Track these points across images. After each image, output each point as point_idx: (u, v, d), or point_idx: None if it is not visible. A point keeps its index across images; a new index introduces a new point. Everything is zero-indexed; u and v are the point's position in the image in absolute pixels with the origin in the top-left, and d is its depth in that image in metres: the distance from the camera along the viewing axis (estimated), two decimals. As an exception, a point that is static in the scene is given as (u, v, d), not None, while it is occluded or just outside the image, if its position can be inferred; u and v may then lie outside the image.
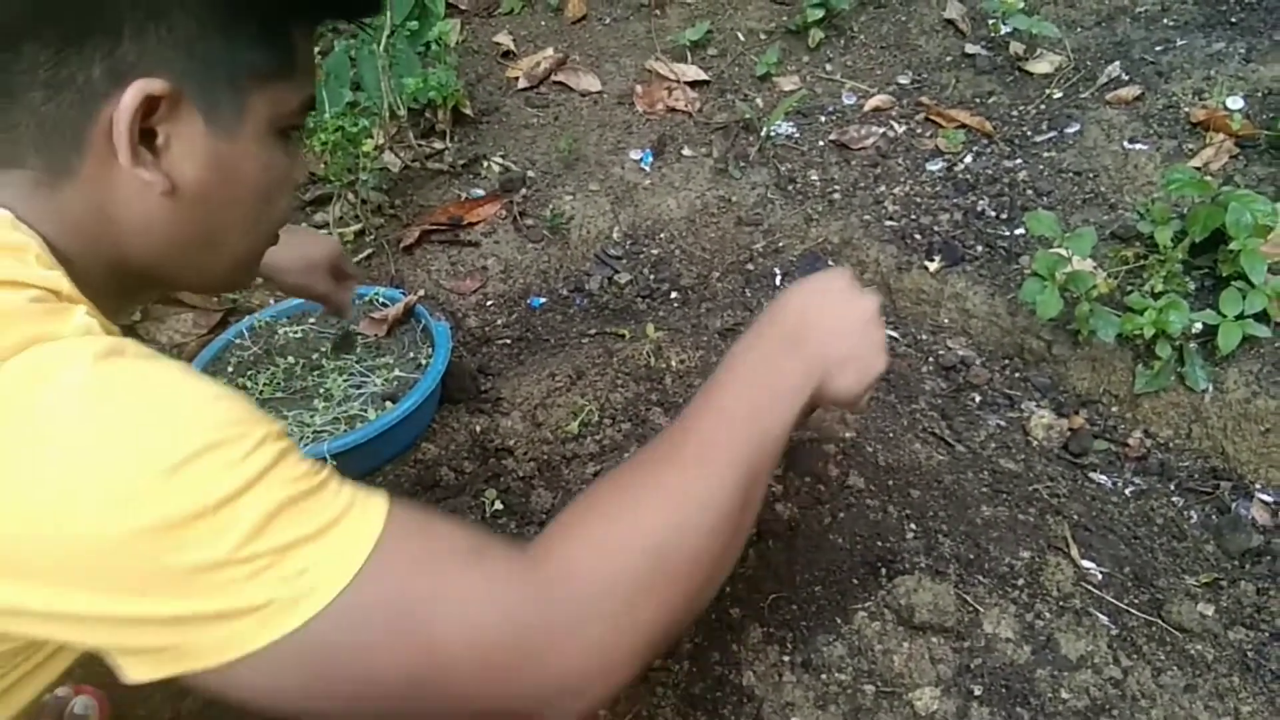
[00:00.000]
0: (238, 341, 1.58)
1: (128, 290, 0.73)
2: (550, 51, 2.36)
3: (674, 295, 1.80)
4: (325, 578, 0.54)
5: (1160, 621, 1.18)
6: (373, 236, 1.93)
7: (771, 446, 0.75)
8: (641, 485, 0.69)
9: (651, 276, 1.85)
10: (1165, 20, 2.13)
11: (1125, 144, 1.84)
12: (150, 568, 0.52)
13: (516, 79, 2.31)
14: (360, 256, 1.89)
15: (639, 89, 2.22)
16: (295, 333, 1.59)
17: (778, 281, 1.80)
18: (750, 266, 1.84)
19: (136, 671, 0.55)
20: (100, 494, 0.51)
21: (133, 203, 0.65)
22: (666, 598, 0.65)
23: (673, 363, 1.55)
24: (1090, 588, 1.21)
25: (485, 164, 2.08)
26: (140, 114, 0.61)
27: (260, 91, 0.67)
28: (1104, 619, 1.17)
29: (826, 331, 0.83)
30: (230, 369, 1.53)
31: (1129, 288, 1.55)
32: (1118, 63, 2.02)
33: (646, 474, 0.70)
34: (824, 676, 1.09)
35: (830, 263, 1.81)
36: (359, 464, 1.40)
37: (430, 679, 0.57)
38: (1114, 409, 1.53)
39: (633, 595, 0.63)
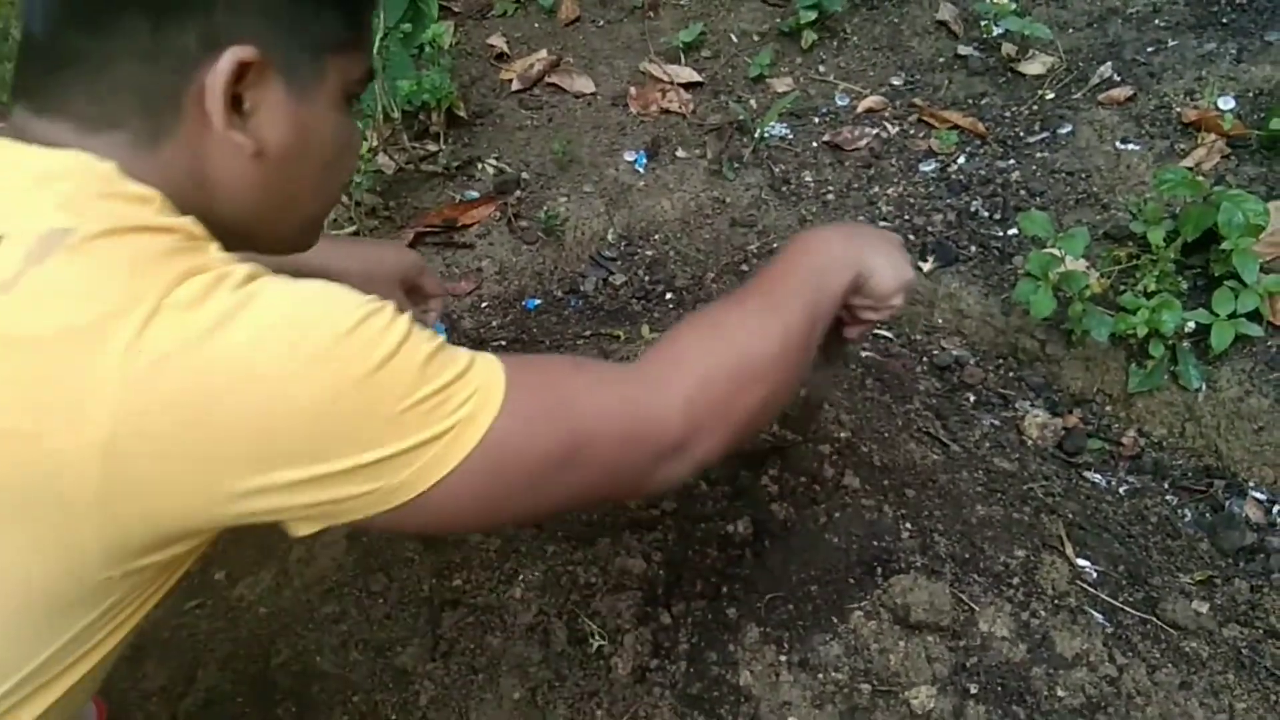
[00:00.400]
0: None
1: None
2: (544, 53, 2.36)
3: (669, 296, 1.80)
4: (486, 397, 0.65)
5: (1155, 619, 1.18)
6: (368, 239, 1.92)
7: (826, 302, 0.90)
8: (727, 314, 0.85)
9: (646, 278, 1.85)
10: (1157, 21, 2.14)
11: (1117, 144, 1.84)
12: (347, 424, 0.60)
13: (510, 81, 2.31)
14: (355, 259, 1.89)
15: (633, 91, 2.23)
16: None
17: (772, 282, 1.80)
18: (745, 268, 1.84)
19: (338, 520, 0.63)
20: (285, 374, 0.58)
21: (224, 164, 0.69)
22: (750, 394, 0.79)
23: (668, 364, 1.55)
24: (1085, 586, 1.21)
25: (479, 166, 2.08)
26: (232, 80, 0.65)
27: (335, 59, 0.71)
28: (1099, 617, 1.17)
29: (866, 238, 0.98)
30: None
31: (1122, 287, 1.56)
32: (1110, 63, 2.02)
33: (731, 308, 0.85)
34: (820, 676, 1.09)
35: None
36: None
37: (580, 452, 0.70)
38: (1108, 408, 1.54)
39: (728, 386, 0.78)
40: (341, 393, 0.59)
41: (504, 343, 1.72)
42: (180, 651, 1.24)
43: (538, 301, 1.82)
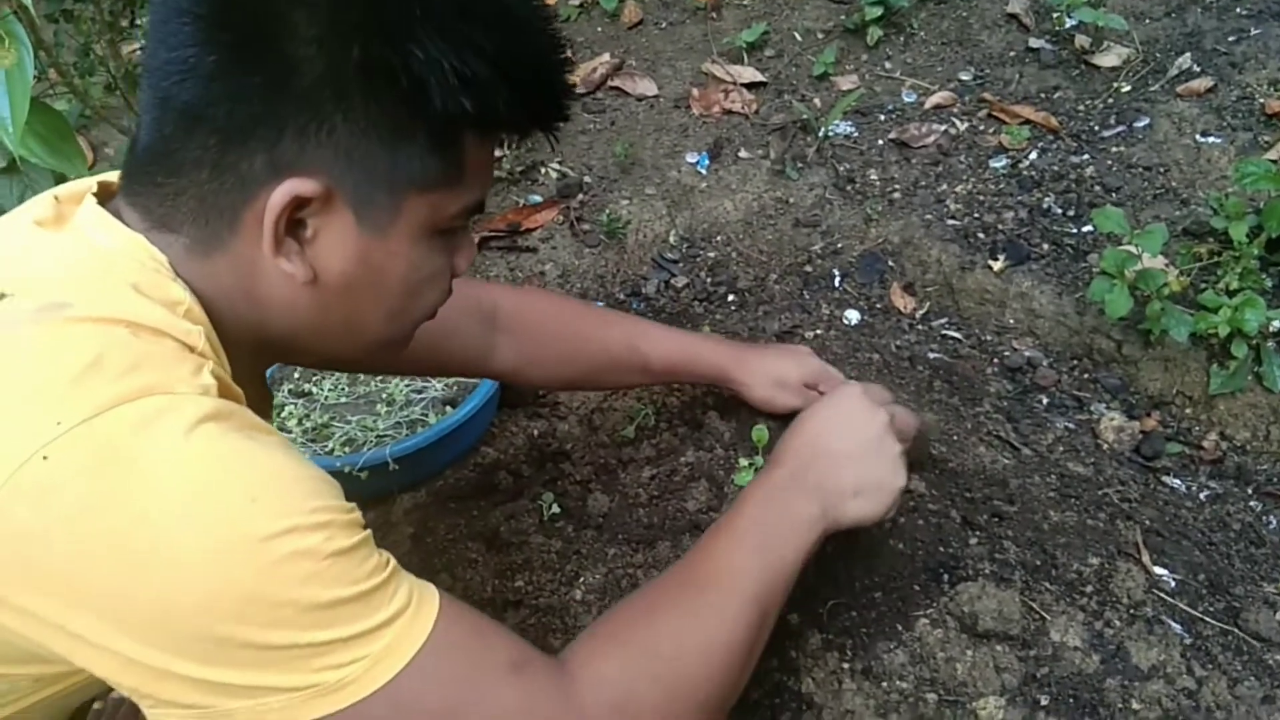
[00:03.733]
0: (302, 348, 1.61)
1: (267, 352, 0.77)
2: (607, 57, 2.37)
3: (731, 298, 1.79)
4: (371, 672, 0.59)
5: (1237, 630, 1.14)
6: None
7: (785, 577, 0.83)
8: (664, 615, 0.77)
9: (708, 280, 1.84)
10: (1238, 9, 2.06)
11: (1197, 137, 1.78)
12: (211, 636, 0.56)
13: (574, 85, 2.31)
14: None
15: (695, 92, 2.22)
16: (357, 339, 1.62)
17: (836, 283, 1.78)
18: (808, 268, 1.82)
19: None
20: (177, 559, 0.55)
21: (275, 286, 0.68)
22: (683, 717, 0.73)
23: (730, 366, 1.54)
24: (1163, 595, 1.17)
25: (543, 170, 2.10)
26: (290, 210, 0.64)
27: (417, 197, 0.68)
28: (1177, 627, 1.13)
29: (836, 462, 0.90)
30: (296, 374, 1.57)
31: (1202, 285, 1.50)
32: (1189, 54, 1.96)
33: (669, 605, 0.78)
34: (885, 684, 1.07)
35: (890, 264, 1.78)
36: (420, 467, 1.42)
37: None
38: (1187, 410, 1.48)
39: (654, 715, 0.71)
40: (219, 602, 0.55)
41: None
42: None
43: (600, 304, 1.83)
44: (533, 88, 0.71)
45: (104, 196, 0.71)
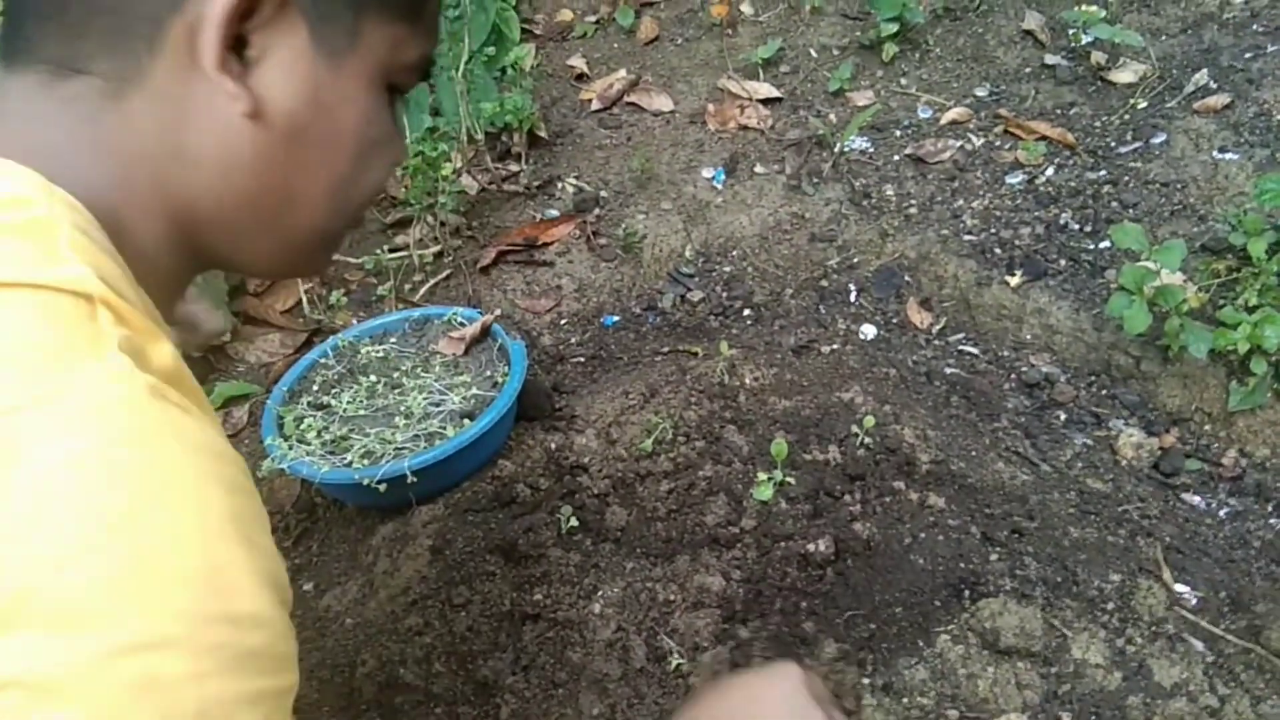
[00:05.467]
0: (322, 361, 1.62)
1: (184, 263, 0.60)
2: (623, 73, 2.38)
3: (747, 313, 1.80)
4: None
5: (1259, 648, 1.13)
6: (451, 258, 1.96)
7: None
8: None
9: (724, 294, 1.85)
10: (1255, 26, 2.06)
11: (1214, 154, 1.78)
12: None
13: (590, 101, 2.33)
14: (439, 277, 1.93)
15: (711, 107, 2.23)
16: (378, 352, 1.62)
17: (852, 298, 1.78)
18: (824, 283, 1.83)
19: None
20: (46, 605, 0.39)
21: (210, 125, 0.54)
22: None
23: (746, 380, 1.54)
24: (1184, 612, 1.16)
25: (560, 185, 2.11)
26: (237, 12, 0.51)
27: (381, 24, 0.57)
28: (1199, 645, 1.12)
29: None
30: (315, 387, 1.57)
31: (1221, 301, 1.50)
32: (1205, 70, 1.96)
33: None
34: (905, 700, 1.07)
35: (907, 279, 1.79)
36: (438, 480, 1.42)
37: None
38: (1207, 427, 1.48)
39: None
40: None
41: (582, 359, 1.73)
42: (270, 660, 1.27)
43: (616, 318, 1.83)
44: None
45: None
